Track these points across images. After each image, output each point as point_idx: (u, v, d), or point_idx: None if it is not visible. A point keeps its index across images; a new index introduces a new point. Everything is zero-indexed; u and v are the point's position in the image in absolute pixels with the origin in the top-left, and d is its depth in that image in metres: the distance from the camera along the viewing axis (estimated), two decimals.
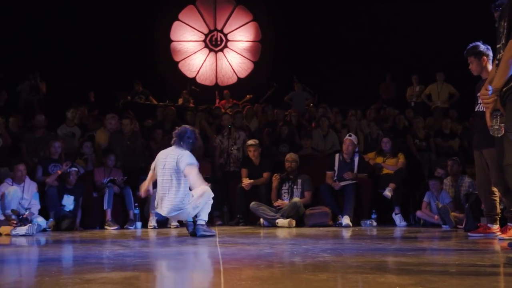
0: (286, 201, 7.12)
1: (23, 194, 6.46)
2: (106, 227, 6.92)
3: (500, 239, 4.79)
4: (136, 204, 7.11)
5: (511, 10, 2.90)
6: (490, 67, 5.05)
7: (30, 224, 5.94)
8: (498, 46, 3.07)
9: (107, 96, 11.40)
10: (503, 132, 2.90)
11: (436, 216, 6.67)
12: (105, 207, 6.98)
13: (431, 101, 10.97)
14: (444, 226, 6.45)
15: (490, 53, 5.05)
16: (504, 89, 2.88)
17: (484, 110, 5.01)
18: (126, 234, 6.13)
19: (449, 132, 9.07)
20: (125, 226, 6.98)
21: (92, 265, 3.31)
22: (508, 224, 4.90)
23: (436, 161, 8.44)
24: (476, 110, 5.15)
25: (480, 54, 5.05)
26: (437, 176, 7.33)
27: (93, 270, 3.04)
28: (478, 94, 5.12)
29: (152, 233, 6.26)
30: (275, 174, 7.34)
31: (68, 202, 6.82)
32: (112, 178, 7.19)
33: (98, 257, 3.79)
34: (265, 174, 7.54)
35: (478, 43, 5.11)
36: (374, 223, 7.07)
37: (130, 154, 7.99)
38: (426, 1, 12.21)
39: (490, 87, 2.96)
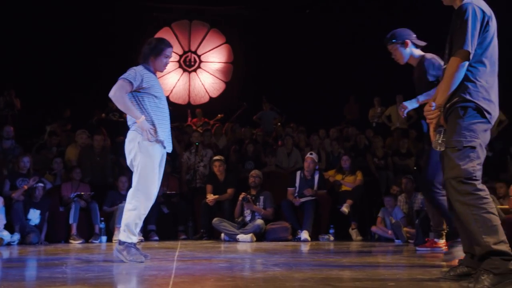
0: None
1: None
2: (71, 241, 6.78)
3: (445, 253, 4.84)
4: (102, 218, 7.01)
5: (452, 32, 2.87)
6: None
7: None
8: (444, 67, 3.01)
9: (83, 113, 11.26)
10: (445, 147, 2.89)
11: (389, 231, 6.72)
12: (70, 221, 6.87)
13: (391, 122, 11.10)
14: (396, 240, 6.49)
15: None
16: (447, 105, 2.86)
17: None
18: (90, 248, 6.01)
19: (405, 152, 9.19)
20: (90, 240, 6.85)
21: (49, 279, 3.22)
22: None
23: (393, 179, 8.52)
24: (425, 132, 5.23)
25: None
26: (392, 193, 7.39)
27: (50, 284, 2.96)
28: None
29: None
30: (242, 193, 7.28)
31: (34, 216, 6.68)
32: (79, 193, 7.07)
33: (56, 271, 3.67)
34: (229, 190, 7.51)
35: None
36: (332, 238, 7.08)
37: (99, 169, 7.90)
38: (387, 27, 12.44)
39: (433, 104, 2.95)
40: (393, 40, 4.22)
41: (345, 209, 7.16)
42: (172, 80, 14.18)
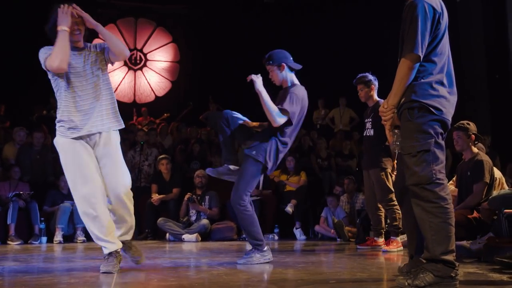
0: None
1: None
2: (9, 242, 6.48)
3: (384, 251, 5.00)
4: (42, 218, 6.74)
5: (403, 30, 2.80)
6: (375, 95, 5.32)
7: None
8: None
9: (23, 110, 10.79)
10: None
11: (332, 230, 6.84)
12: (8, 221, 6.56)
13: (334, 124, 11.31)
14: (339, 239, 6.62)
15: (377, 83, 5.32)
16: (398, 105, 2.82)
17: (368, 134, 5.29)
18: (29, 249, 5.77)
19: (348, 153, 9.40)
20: (29, 241, 6.58)
21: None
22: (391, 237, 5.13)
23: (336, 179, 8.68)
24: (364, 134, 5.38)
25: (369, 83, 5.29)
26: (335, 193, 7.54)
27: None
28: (366, 120, 5.38)
29: (57, 248, 5.94)
30: (188, 194, 7.21)
31: None
32: (17, 192, 6.77)
33: None
34: (175, 190, 7.43)
35: (367, 73, 5.35)
36: (276, 237, 7.14)
37: (39, 168, 7.61)
38: (333, 33, 12.70)
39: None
40: (270, 62, 4.26)
41: (289, 208, 7.23)
42: (117, 78, 13.84)
